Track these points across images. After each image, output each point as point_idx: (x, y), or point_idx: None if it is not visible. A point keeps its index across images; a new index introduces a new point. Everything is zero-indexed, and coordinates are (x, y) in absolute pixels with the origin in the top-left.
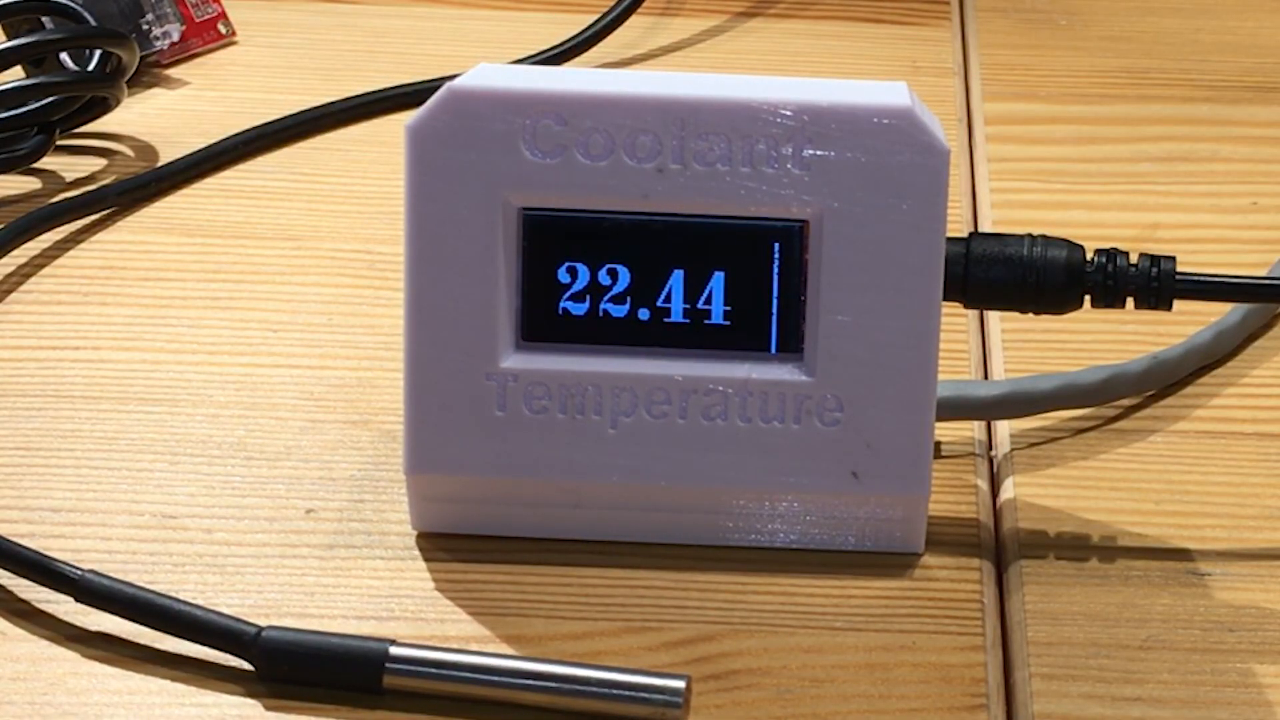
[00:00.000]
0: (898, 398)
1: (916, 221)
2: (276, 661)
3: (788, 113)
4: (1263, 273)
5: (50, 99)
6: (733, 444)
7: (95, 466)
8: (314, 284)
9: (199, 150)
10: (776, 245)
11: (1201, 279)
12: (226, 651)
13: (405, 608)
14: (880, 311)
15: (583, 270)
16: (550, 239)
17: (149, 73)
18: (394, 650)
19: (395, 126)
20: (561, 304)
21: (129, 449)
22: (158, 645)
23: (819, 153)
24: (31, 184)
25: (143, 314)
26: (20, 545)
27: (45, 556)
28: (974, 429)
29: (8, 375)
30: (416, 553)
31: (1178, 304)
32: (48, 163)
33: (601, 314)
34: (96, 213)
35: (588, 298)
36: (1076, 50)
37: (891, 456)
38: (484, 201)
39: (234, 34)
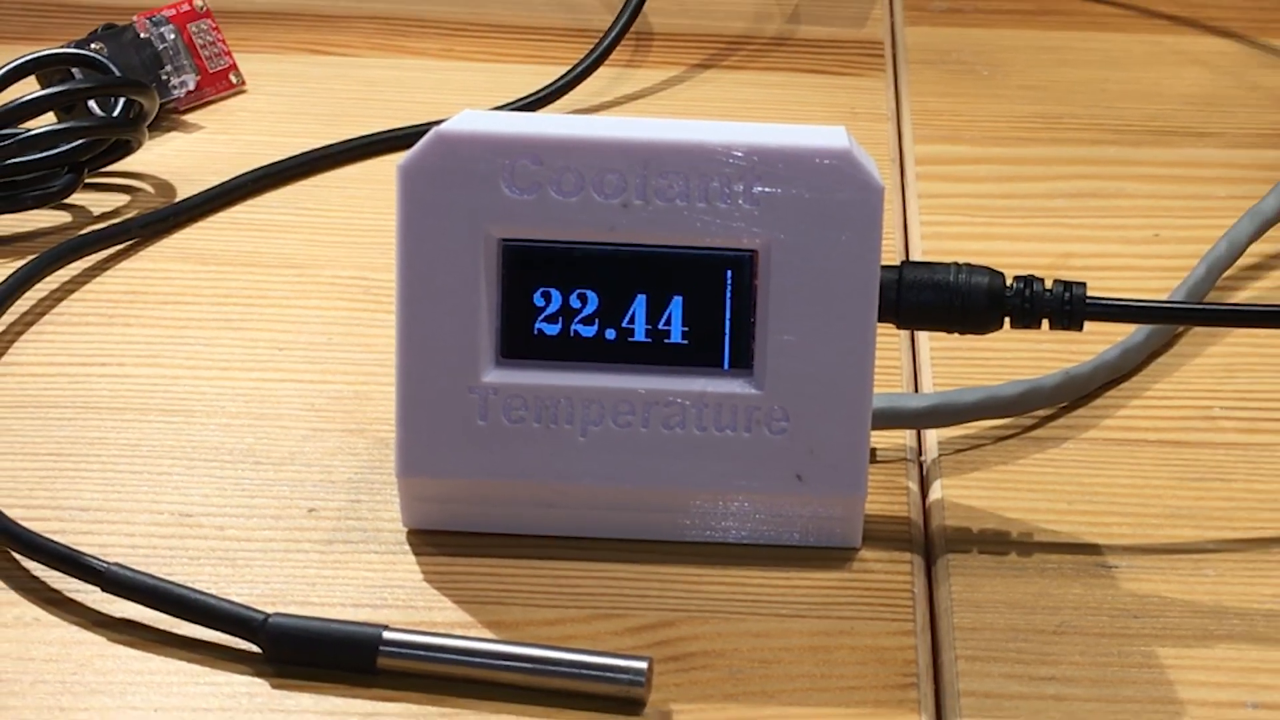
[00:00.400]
0: (837, 409)
1: (854, 251)
2: (282, 645)
3: (739, 154)
4: (1164, 297)
5: (79, 141)
6: (690, 450)
7: (120, 470)
8: (315, 307)
9: (213, 187)
10: (729, 272)
11: (1109, 302)
12: (237, 636)
13: (397, 597)
14: (822, 332)
15: (556, 295)
16: (527, 267)
17: (168, 118)
18: (387, 635)
19: (388, 166)
20: (537, 325)
21: (150, 454)
22: (176, 630)
23: (767, 190)
24: (63, 218)
25: (162, 334)
26: (53, 541)
27: (75, 551)
28: (906, 437)
29: (41, 388)
30: (407, 547)
31: (1088, 325)
32: (77, 199)
33: (573, 334)
34: (121, 243)
35: (560, 319)
36: (997, 98)
37: (832, 461)
38: (467, 233)
39: (244, 83)
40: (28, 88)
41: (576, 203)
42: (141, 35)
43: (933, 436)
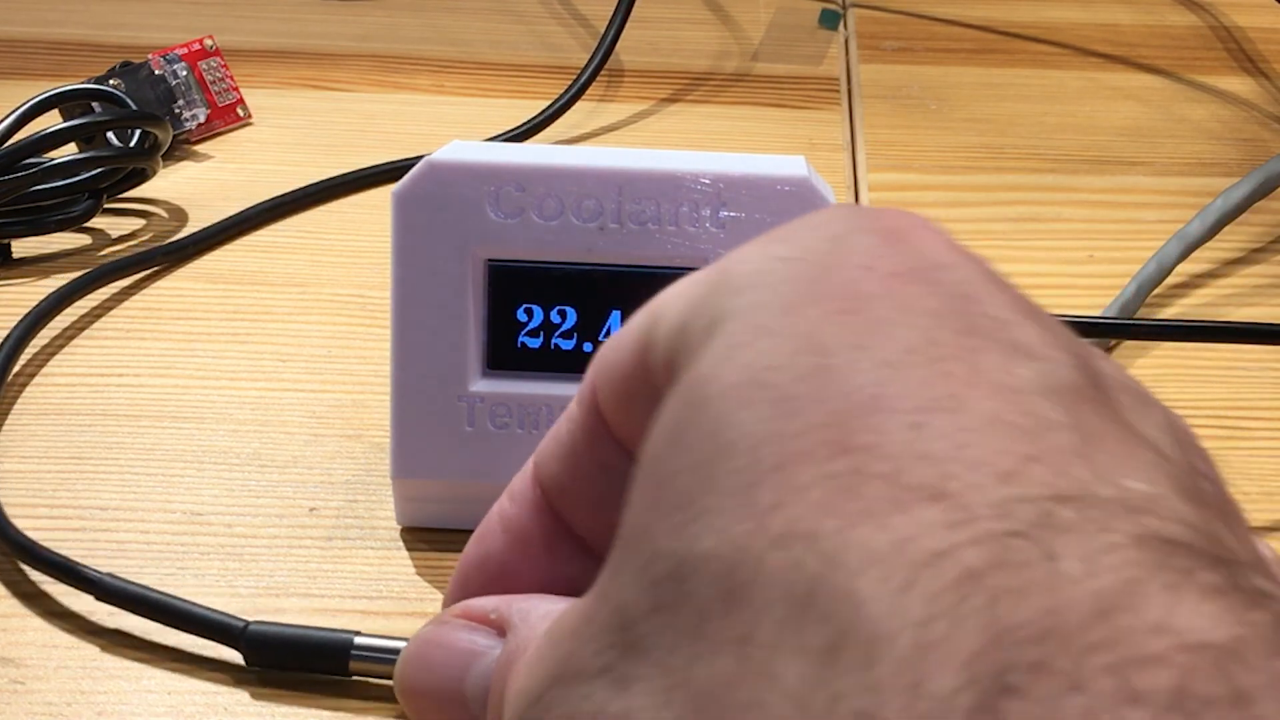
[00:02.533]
0: None
1: None
2: (260, 650)
3: (706, 181)
4: (1098, 313)
5: (98, 170)
6: None
7: (136, 473)
8: (316, 322)
9: (229, 218)
10: None
11: None
12: (219, 642)
13: (391, 589)
14: None
15: (537, 311)
16: (511, 285)
17: (180, 148)
18: (358, 640)
19: (383, 194)
20: (520, 338)
21: (164, 458)
22: (163, 636)
23: (732, 214)
24: (83, 240)
25: (175, 347)
26: (52, 552)
27: (71, 561)
28: None
29: (64, 398)
30: (400, 544)
31: None
32: (97, 223)
33: (553, 347)
34: (145, 270)
35: (542, 333)
36: (944, 130)
37: None
38: (456, 254)
39: (250, 116)
40: (51, 120)
41: (557, 226)
42: (156, 72)
43: None
